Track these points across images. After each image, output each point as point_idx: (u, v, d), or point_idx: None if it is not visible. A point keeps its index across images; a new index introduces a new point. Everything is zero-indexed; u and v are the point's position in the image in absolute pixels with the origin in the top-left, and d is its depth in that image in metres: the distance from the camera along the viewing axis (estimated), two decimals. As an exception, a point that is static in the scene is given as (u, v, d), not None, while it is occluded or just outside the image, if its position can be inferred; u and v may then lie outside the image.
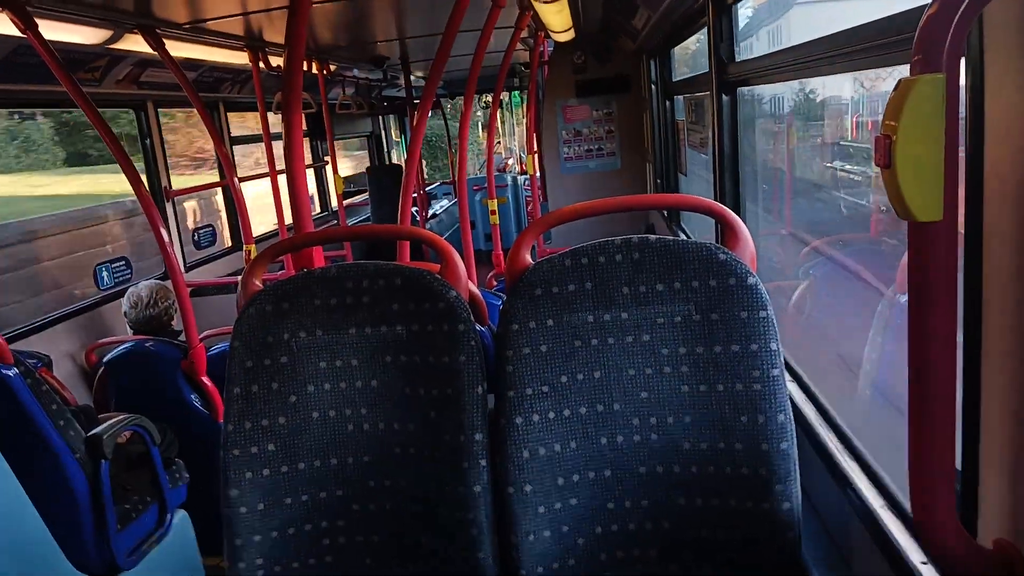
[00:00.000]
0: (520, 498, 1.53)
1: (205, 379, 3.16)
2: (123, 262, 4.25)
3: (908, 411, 0.90)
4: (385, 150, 10.13)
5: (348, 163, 10.21)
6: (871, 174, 2.45)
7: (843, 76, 2.39)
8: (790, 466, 1.47)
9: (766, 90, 3.15)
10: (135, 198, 3.10)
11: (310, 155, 7.50)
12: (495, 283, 4.24)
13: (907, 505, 1.32)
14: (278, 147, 4.68)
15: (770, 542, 1.48)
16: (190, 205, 6.07)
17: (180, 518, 2.63)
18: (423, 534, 1.63)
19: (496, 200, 4.53)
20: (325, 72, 5.32)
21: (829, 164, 3.00)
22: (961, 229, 0.86)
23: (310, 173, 7.43)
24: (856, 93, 2.61)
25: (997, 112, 0.92)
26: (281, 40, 1.92)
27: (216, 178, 5.69)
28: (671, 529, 1.55)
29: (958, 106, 0.81)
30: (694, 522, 1.54)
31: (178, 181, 5.18)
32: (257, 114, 4.86)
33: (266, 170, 4.86)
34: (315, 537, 1.67)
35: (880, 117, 0.85)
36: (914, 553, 1.24)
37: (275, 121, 4.93)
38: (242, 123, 6.41)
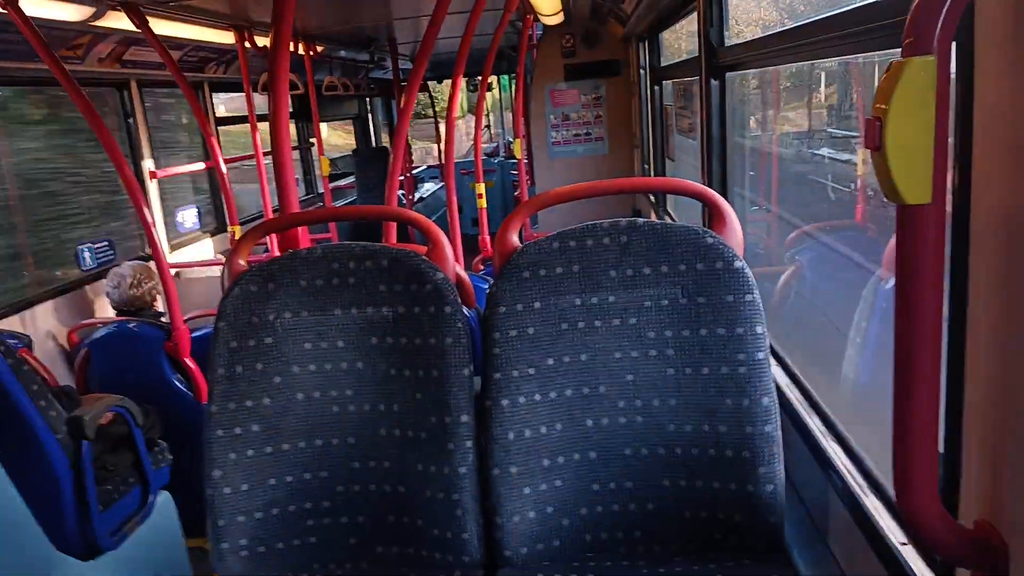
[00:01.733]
0: (505, 479, 1.53)
1: (189, 360, 3.14)
2: (106, 243, 4.20)
3: (892, 393, 0.90)
4: (372, 132, 10.05)
5: (339, 140, 10.12)
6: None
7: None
8: (774, 449, 1.48)
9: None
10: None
11: (296, 137, 7.43)
12: (482, 267, 4.24)
13: (889, 487, 1.34)
14: (263, 128, 4.64)
15: (753, 523, 1.49)
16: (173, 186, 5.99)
17: (163, 499, 2.61)
18: (408, 515, 1.63)
19: (484, 184, 4.52)
20: (312, 53, 5.26)
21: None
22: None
23: (296, 156, 7.37)
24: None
25: (987, 95, 0.92)
26: (268, 19, 1.89)
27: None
28: (655, 510, 1.56)
29: (949, 89, 0.81)
30: (678, 504, 1.55)
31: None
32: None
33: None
34: (299, 518, 1.66)
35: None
36: (895, 534, 1.25)
37: (261, 102, 4.88)
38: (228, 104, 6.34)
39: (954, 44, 0.83)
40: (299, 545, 1.67)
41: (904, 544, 1.22)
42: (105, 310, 3.90)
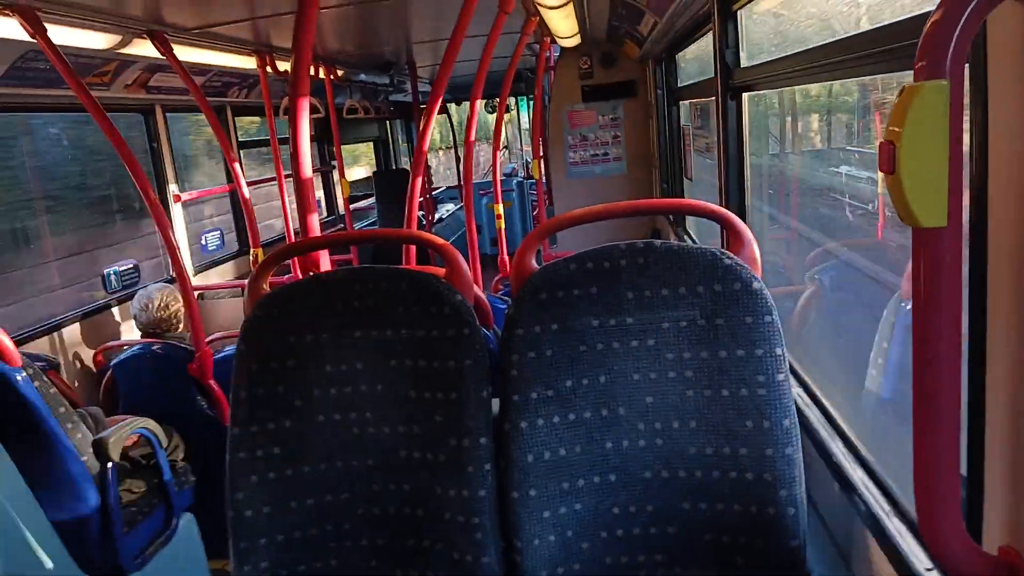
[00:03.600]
0: (525, 502, 1.53)
1: (212, 382, 3.17)
2: (131, 266, 4.27)
3: (913, 417, 0.90)
4: (392, 154, 10.16)
5: (360, 168, 10.24)
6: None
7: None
8: (795, 471, 1.47)
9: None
10: None
11: (317, 159, 7.53)
12: (500, 287, 4.25)
13: (912, 512, 1.32)
14: (285, 152, 4.71)
15: (774, 547, 1.48)
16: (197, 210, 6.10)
17: (186, 521, 2.64)
18: (428, 538, 1.63)
19: (502, 204, 4.54)
20: (332, 77, 5.34)
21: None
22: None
23: (317, 178, 7.46)
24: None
25: (1000, 119, 0.92)
26: (289, 45, 1.93)
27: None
28: (675, 534, 1.55)
29: (962, 112, 0.81)
30: (698, 527, 1.53)
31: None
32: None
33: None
34: (320, 540, 1.67)
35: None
36: (920, 559, 1.23)
37: (283, 126, 4.96)
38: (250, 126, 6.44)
39: (967, 67, 0.83)
40: (320, 567, 1.68)
41: (930, 570, 1.20)
42: (131, 332, 3.96)
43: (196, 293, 3.35)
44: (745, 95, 2.69)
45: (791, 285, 3.00)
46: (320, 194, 7.71)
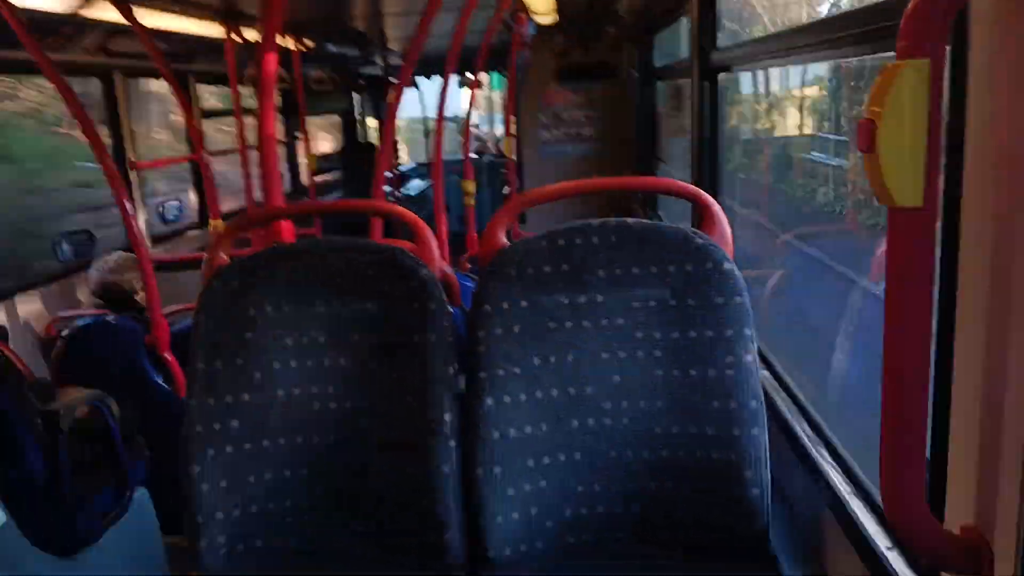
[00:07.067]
0: (489, 480, 1.51)
1: (168, 355, 3.10)
2: (85, 234, 4.14)
3: (882, 398, 0.90)
4: (359, 129, 9.99)
5: (326, 143, 10.06)
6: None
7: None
8: (760, 452, 1.47)
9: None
10: None
11: (283, 132, 7.37)
12: (468, 265, 4.22)
13: (875, 492, 1.34)
14: (249, 122, 4.59)
15: (739, 527, 1.48)
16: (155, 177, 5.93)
17: (140, 495, 2.57)
18: (389, 514, 1.61)
19: (472, 182, 4.50)
20: (301, 48, 5.22)
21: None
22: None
23: (281, 151, 7.31)
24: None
25: (980, 99, 0.92)
26: (256, 12, 1.88)
27: None
28: (640, 513, 1.55)
29: (942, 92, 0.80)
30: (664, 506, 1.54)
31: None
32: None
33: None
34: (279, 515, 1.64)
35: None
36: (881, 539, 1.25)
37: (247, 95, 4.83)
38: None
39: (948, 48, 0.82)
40: (279, 543, 1.64)
41: (890, 549, 1.22)
42: (84, 303, 3.85)
43: (153, 263, 3.25)
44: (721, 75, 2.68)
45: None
46: (284, 168, 7.56)
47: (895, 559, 1.19)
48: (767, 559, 1.49)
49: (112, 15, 3.36)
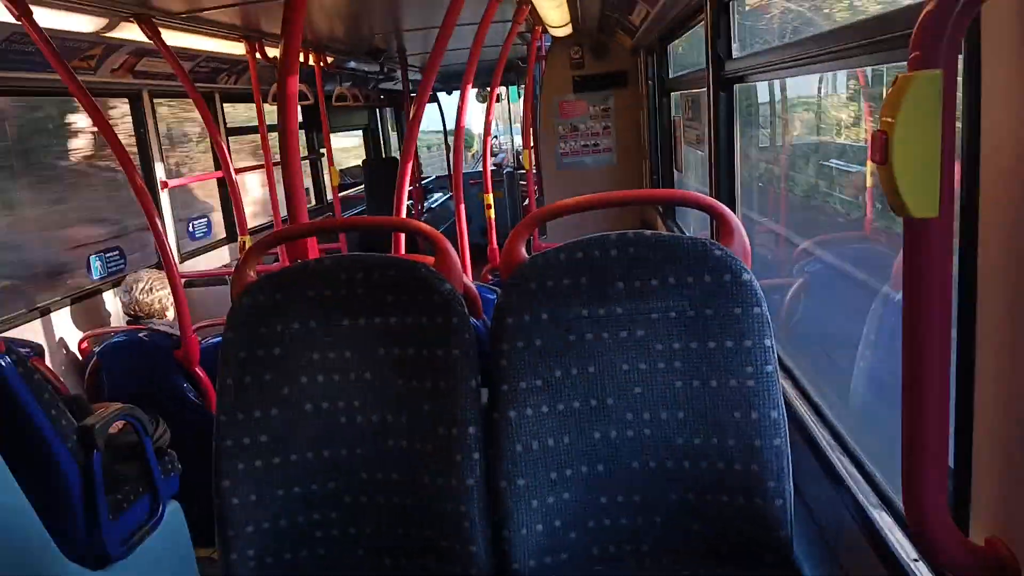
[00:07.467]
0: (513, 492, 1.53)
1: (198, 370, 3.15)
2: (116, 251, 4.23)
3: (902, 408, 0.90)
4: (382, 143, 10.09)
5: (349, 155, 10.16)
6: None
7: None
8: (783, 463, 1.47)
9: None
10: None
11: (306, 147, 7.47)
12: (490, 277, 4.24)
13: (900, 503, 1.33)
14: (274, 139, 4.66)
15: (762, 538, 1.48)
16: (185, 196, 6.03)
17: (172, 508, 2.62)
18: (415, 527, 1.63)
19: (492, 194, 4.53)
20: (322, 64, 5.30)
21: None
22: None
23: (306, 166, 7.40)
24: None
25: (994, 108, 0.92)
26: (278, 31, 1.91)
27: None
28: (663, 524, 1.55)
29: (955, 103, 0.81)
30: (686, 518, 1.54)
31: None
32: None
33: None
34: (307, 529, 1.66)
35: None
36: (906, 550, 1.24)
37: (271, 112, 4.91)
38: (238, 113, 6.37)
39: (961, 58, 0.83)
40: (307, 556, 1.67)
41: (916, 560, 1.21)
42: (117, 320, 3.93)
43: (183, 280, 3.31)
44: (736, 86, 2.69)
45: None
46: (308, 183, 7.65)
47: (921, 570, 1.18)
48: (791, 570, 1.49)
49: (138, 36, 3.45)
